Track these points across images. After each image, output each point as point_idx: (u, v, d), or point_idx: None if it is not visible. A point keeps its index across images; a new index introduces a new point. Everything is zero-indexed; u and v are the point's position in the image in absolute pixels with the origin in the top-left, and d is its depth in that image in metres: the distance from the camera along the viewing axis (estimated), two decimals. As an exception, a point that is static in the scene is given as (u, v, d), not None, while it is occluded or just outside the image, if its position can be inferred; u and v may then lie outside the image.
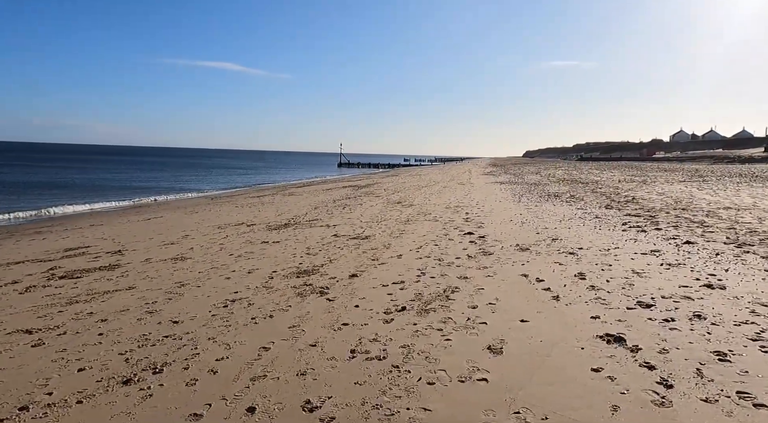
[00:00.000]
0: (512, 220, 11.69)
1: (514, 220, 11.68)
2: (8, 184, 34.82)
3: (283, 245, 9.31)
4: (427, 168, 68.95)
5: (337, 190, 27.10)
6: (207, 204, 21.92)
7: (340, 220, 12.75)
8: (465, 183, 27.68)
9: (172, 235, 11.41)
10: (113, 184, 37.87)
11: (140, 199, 26.97)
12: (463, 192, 21.19)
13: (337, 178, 46.04)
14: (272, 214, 15.43)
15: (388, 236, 9.98)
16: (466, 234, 9.86)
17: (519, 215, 12.64)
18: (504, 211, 13.78)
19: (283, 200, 21.04)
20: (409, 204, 16.65)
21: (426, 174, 43.70)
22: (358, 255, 8.13)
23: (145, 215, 17.48)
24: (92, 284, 6.67)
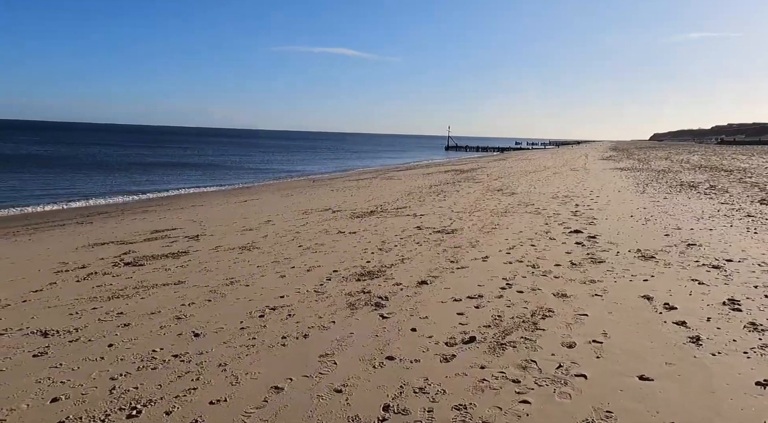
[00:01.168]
0: (633, 216, 9.69)
1: (635, 216, 9.67)
2: (141, 164, 38.19)
3: (358, 237, 8.39)
4: (539, 152, 64.80)
5: (437, 174, 25.85)
6: (307, 187, 21.88)
7: (429, 209, 11.57)
8: (579, 169, 24.95)
9: (256, 219, 11.04)
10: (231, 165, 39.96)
11: (249, 180, 27.91)
12: (576, 179, 18.86)
13: (442, 162, 44.62)
14: (363, 199, 14.67)
15: (477, 231, 8.62)
16: (573, 232, 8.19)
17: (642, 210, 10.53)
18: (623, 203, 11.66)
19: (379, 184, 20.30)
20: (511, 192, 14.96)
21: (536, 158, 40.70)
22: (437, 254, 6.92)
23: (245, 197, 17.68)
24: (147, 275, 6.23)
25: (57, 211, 15.85)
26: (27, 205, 16.03)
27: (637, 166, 25.47)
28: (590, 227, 8.62)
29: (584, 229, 8.39)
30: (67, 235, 10.19)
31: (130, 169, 32.68)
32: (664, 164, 26.87)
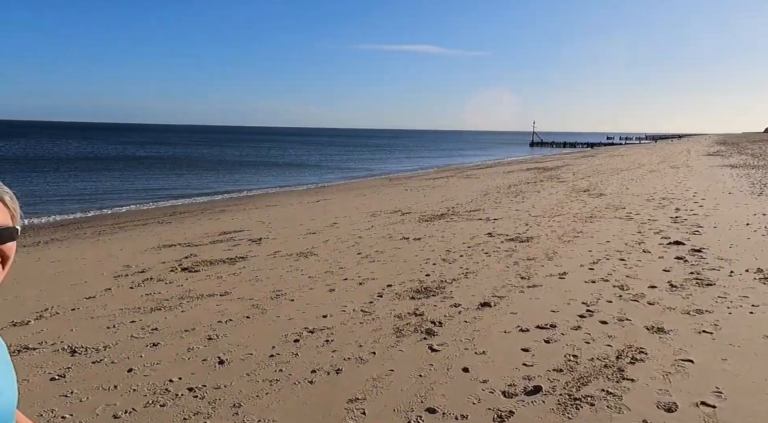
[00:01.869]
0: (749, 225, 8.17)
1: (752, 225, 8.15)
2: (229, 163, 39.98)
3: (422, 244, 7.72)
4: (633, 147, 60.05)
5: (518, 172, 24.44)
6: (382, 186, 21.49)
7: (504, 213, 10.63)
8: (679, 166, 22.43)
9: (322, 221, 10.72)
10: (312, 164, 40.74)
11: (328, 179, 28.11)
12: (676, 178, 16.83)
13: (525, 159, 42.55)
14: (435, 200, 13.96)
15: (556, 240, 7.63)
16: (672, 243, 6.97)
17: (761, 216, 8.91)
18: (735, 208, 9.99)
19: (455, 184, 19.44)
20: (599, 193, 13.53)
21: (630, 154, 37.52)
22: (506, 267, 6.09)
23: (319, 196, 17.60)
24: (198, 283, 5.99)
25: (145, 210, 16.66)
26: (121, 205, 17.03)
27: (751, 163, 22.46)
28: (694, 238, 7.32)
29: (687, 240, 7.12)
30: (143, 235, 10.46)
31: (218, 168, 34.24)
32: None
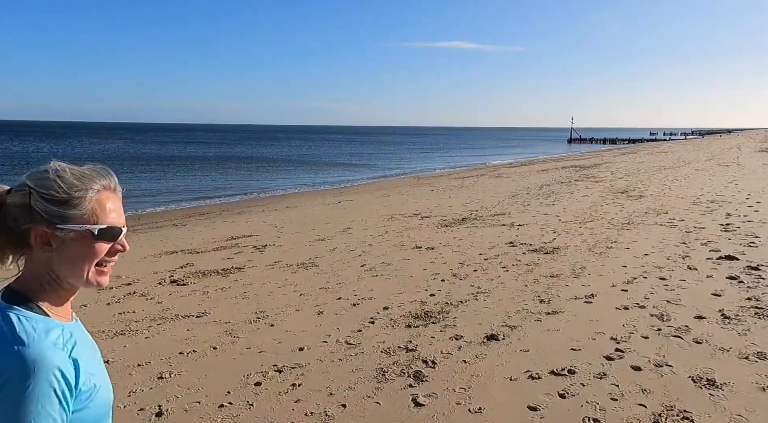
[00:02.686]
0: (816, 235, 7.02)
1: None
2: (259, 161, 39.96)
3: (434, 255, 6.95)
4: (678, 143, 57.00)
5: (553, 171, 23.20)
6: (409, 185, 20.71)
7: (531, 217, 9.70)
8: (729, 164, 20.70)
9: (336, 226, 10.07)
10: (343, 163, 40.27)
11: (356, 179, 27.54)
12: (726, 178, 15.37)
13: (561, 157, 40.82)
14: (461, 201, 13.10)
15: (586, 251, 6.71)
16: (724, 258, 5.95)
17: (828, 224, 7.71)
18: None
19: (484, 184, 18.47)
20: (638, 195, 12.36)
21: (674, 151, 35.38)
22: (524, 287, 5.25)
23: (342, 197, 16.99)
24: (179, 300, 5.42)
25: (164, 212, 16.43)
26: (144, 207, 16.90)
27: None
28: (750, 251, 6.26)
29: (741, 254, 6.08)
30: (151, 240, 10.07)
31: (247, 167, 34.14)
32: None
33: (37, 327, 0.90)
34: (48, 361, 0.87)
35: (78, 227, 0.95)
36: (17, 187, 0.96)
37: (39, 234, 0.95)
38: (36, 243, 0.95)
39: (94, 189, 0.98)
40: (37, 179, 0.96)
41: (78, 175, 0.98)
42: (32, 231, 0.95)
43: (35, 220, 0.94)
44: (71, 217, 0.95)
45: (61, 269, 0.97)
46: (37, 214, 0.94)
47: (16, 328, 0.88)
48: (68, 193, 0.95)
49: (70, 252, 0.96)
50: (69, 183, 0.96)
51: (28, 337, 0.88)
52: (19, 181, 0.97)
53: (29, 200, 0.94)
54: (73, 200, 0.95)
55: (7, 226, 0.95)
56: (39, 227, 0.94)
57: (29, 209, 0.94)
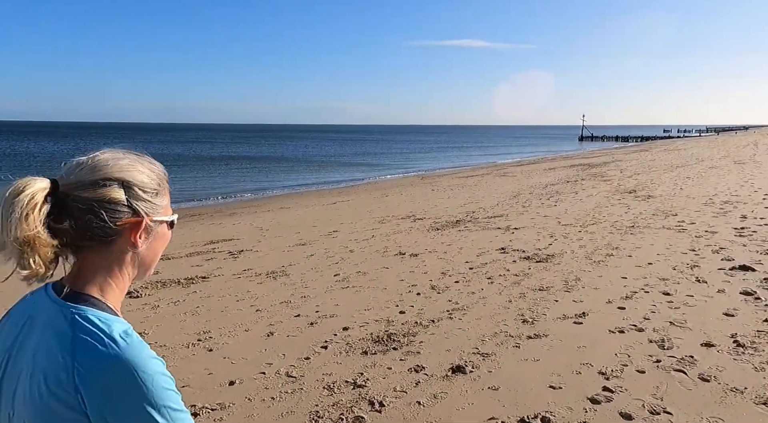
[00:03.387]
0: (842, 241, 6.26)
1: None
2: (262, 160, 39.53)
3: (417, 262, 6.32)
4: (692, 141, 55.53)
5: (560, 169, 22.41)
6: (411, 185, 20.07)
7: (529, 220, 9.02)
8: (746, 162, 19.74)
9: (322, 229, 9.49)
10: (348, 162, 39.68)
11: (358, 178, 26.97)
12: (741, 176, 14.50)
13: (571, 154, 39.82)
14: (459, 202, 12.45)
15: (584, 259, 6.03)
16: (738, 269, 5.24)
17: None
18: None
19: (487, 183, 17.77)
20: (647, 195, 11.60)
21: (688, 148, 34.26)
22: (508, 302, 4.61)
23: (339, 197, 16.41)
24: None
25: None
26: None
27: (831, 157, 19.48)
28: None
29: (758, 263, 5.37)
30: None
31: (249, 166, 33.66)
32: None
33: (120, 328, 0.81)
34: (148, 355, 0.79)
35: (167, 218, 0.94)
36: (93, 181, 0.84)
37: (137, 229, 0.88)
38: (132, 238, 0.88)
39: (164, 179, 0.95)
40: (124, 171, 0.87)
41: (149, 163, 0.93)
42: (128, 228, 0.87)
43: (129, 215, 0.87)
44: (161, 207, 0.93)
45: (144, 262, 0.93)
46: (132, 209, 0.87)
47: (107, 330, 0.79)
48: (159, 184, 0.92)
49: (155, 244, 0.94)
50: (158, 172, 0.93)
51: (120, 338, 0.79)
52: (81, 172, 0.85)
53: (124, 194, 0.87)
54: (162, 191, 0.93)
55: (84, 224, 0.84)
56: (137, 222, 0.88)
57: (123, 204, 0.86)
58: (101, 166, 0.86)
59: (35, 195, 0.79)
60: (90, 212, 0.83)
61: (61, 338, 0.78)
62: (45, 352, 0.78)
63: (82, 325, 0.79)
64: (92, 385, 0.75)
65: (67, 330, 0.79)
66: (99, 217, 0.83)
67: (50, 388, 0.75)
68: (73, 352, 0.76)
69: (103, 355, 0.76)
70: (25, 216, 0.77)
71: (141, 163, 0.91)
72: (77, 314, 0.80)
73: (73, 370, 0.75)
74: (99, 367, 0.75)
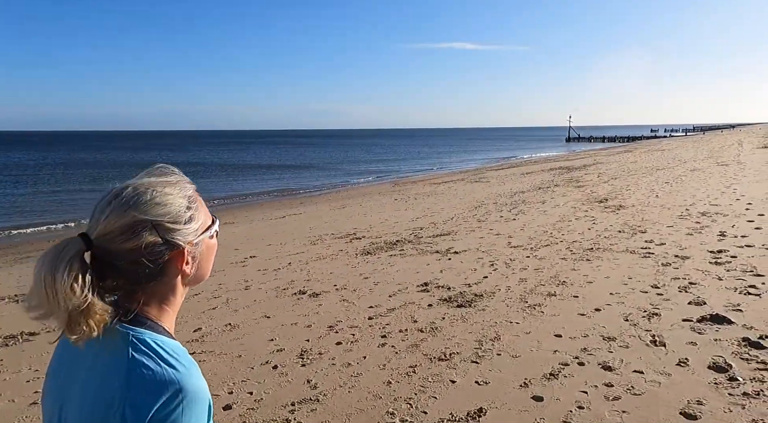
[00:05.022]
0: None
1: None
2: (223, 167, 38.02)
3: (311, 306, 4.94)
4: (677, 140, 54.47)
5: (538, 173, 21.12)
6: (377, 193, 18.66)
7: (479, 239, 7.66)
8: (729, 163, 18.49)
9: (241, 253, 8.10)
10: (323, 167, 38.23)
11: (324, 186, 25.59)
12: (724, 180, 13.22)
13: (554, 157, 38.57)
14: (413, 215, 11.09)
15: (518, 301, 4.65)
16: (709, 320, 3.88)
17: None
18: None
19: (456, 191, 16.41)
20: (618, 205, 10.27)
21: (671, 149, 33.09)
22: (387, 383, 3.23)
23: (290, 210, 14.97)
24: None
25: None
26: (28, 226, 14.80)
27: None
28: (750, 303, 4.17)
29: (735, 311, 4.01)
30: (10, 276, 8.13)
31: (209, 174, 32.19)
32: None
33: (178, 352, 0.83)
34: (204, 390, 0.82)
35: (208, 234, 0.93)
36: (122, 230, 0.82)
37: (182, 259, 0.88)
38: (179, 267, 0.88)
39: (194, 193, 0.93)
40: (151, 210, 0.84)
41: (173, 186, 0.90)
42: (173, 260, 0.87)
43: (170, 249, 0.86)
44: (198, 228, 0.91)
45: (197, 277, 0.94)
46: (171, 244, 0.86)
47: (166, 356, 0.81)
48: (189, 206, 0.90)
49: (205, 259, 0.94)
50: (185, 193, 0.91)
51: (181, 364, 0.81)
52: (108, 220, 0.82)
53: (158, 235, 0.85)
54: (194, 210, 0.91)
55: (129, 275, 0.84)
56: (179, 253, 0.87)
57: (159, 244, 0.85)
58: (125, 208, 0.83)
59: (71, 265, 0.77)
60: (133, 262, 0.82)
61: (117, 359, 0.79)
62: (100, 370, 0.80)
63: (138, 346, 0.80)
64: (140, 408, 0.76)
65: (124, 351, 0.80)
66: (142, 265, 0.83)
67: (99, 405, 0.77)
68: (128, 373, 0.78)
69: (157, 378, 0.78)
70: (71, 288, 0.76)
71: (164, 190, 0.87)
72: (134, 336, 0.81)
73: (127, 390, 0.77)
74: (151, 390, 0.77)
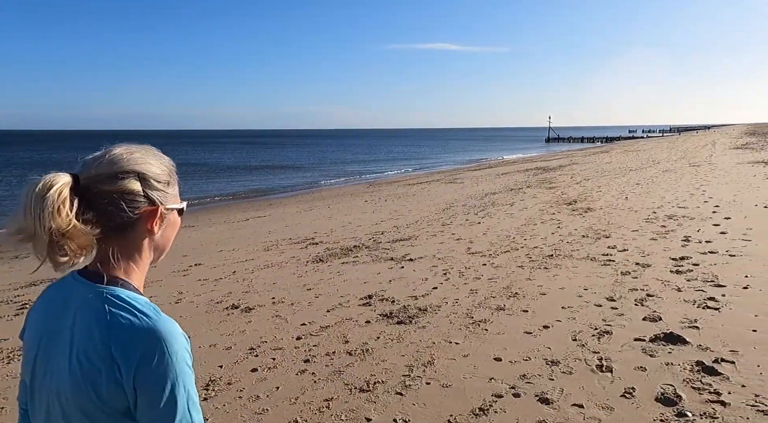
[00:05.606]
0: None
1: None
2: (197, 167, 37.16)
3: (238, 324, 4.47)
4: (654, 141, 55.01)
5: (513, 174, 20.89)
6: (350, 194, 18.19)
7: (437, 245, 7.26)
8: (701, 164, 18.46)
9: (190, 259, 7.58)
10: (301, 167, 37.61)
11: (297, 185, 25.05)
12: (694, 182, 13.06)
13: (532, 157, 38.51)
14: (377, 218, 10.67)
15: (463, 317, 4.25)
16: (662, 339, 3.51)
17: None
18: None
19: (428, 192, 16.04)
20: (587, 207, 9.98)
21: (647, 149, 33.24)
22: (319, 410, 2.78)
23: (258, 212, 14.42)
24: None
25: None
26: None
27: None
28: (708, 320, 3.82)
29: (692, 329, 3.65)
30: None
31: (195, 173, 31.34)
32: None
33: (149, 305, 0.88)
34: (178, 329, 0.87)
35: (177, 206, 0.98)
36: (112, 175, 0.89)
37: (153, 218, 0.93)
38: (149, 226, 0.93)
39: (173, 167, 0.99)
40: (139, 164, 0.92)
41: (158, 156, 0.97)
42: (146, 216, 0.92)
43: (146, 204, 0.92)
44: (172, 196, 0.97)
45: (159, 247, 0.97)
46: (149, 199, 0.93)
47: (140, 307, 0.86)
48: (169, 175, 0.96)
49: (168, 230, 0.97)
50: (166, 164, 0.97)
51: (152, 312, 0.86)
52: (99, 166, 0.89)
53: (140, 185, 0.92)
54: (172, 180, 0.97)
55: (107, 215, 0.89)
56: (153, 211, 0.93)
57: (140, 194, 0.92)
58: (117, 159, 0.90)
59: (62, 190, 0.84)
60: (112, 204, 0.88)
61: (97, 315, 0.85)
62: (82, 328, 0.85)
63: (114, 302, 0.86)
64: (127, 354, 0.81)
65: (102, 307, 0.85)
66: (120, 208, 0.89)
67: (90, 360, 0.82)
68: (109, 326, 0.83)
69: (136, 327, 0.83)
70: (57, 210, 0.82)
71: (151, 155, 0.95)
72: (109, 294, 0.87)
73: (110, 342, 0.82)
74: (133, 338, 0.82)
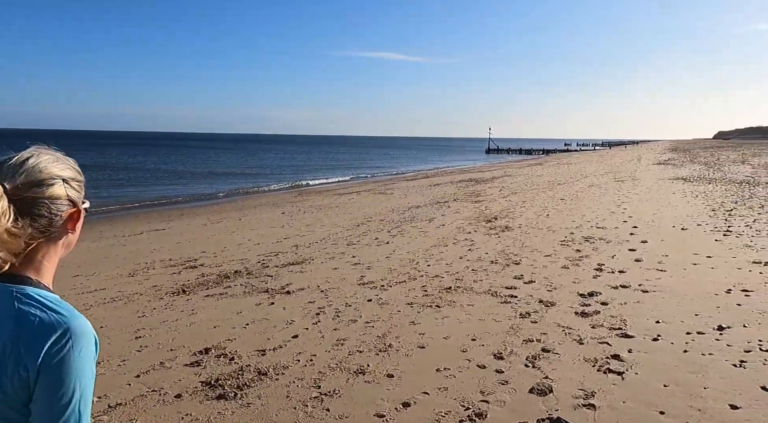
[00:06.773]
0: (719, 307, 3.91)
1: (726, 306, 3.88)
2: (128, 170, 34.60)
3: None
4: (586, 154, 56.96)
5: (445, 185, 20.31)
6: (273, 204, 16.87)
7: (330, 271, 6.22)
8: (625, 179, 18.59)
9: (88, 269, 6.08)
10: (236, 173, 35.70)
11: (225, 194, 23.41)
12: (617, 198, 12.81)
13: (468, 168, 38.50)
14: (279, 235, 9.52)
15: (309, 387, 3.21)
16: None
17: (738, 283, 4.68)
18: (695, 262, 5.81)
19: (353, 203, 15.04)
20: (505, 226, 9.29)
21: (577, 163, 33.94)
22: None
23: (163, 223, 12.84)
24: None
25: None
26: None
27: (705, 175, 18.72)
28: (609, 388, 2.98)
29: (586, 409, 2.78)
30: None
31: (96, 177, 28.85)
32: (744, 170, 19.90)
33: (59, 301, 0.93)
34: (89, 328, 0.92)
35: (88, 205, 1.03)
36: (40, 181, 0.93)
37: (75, 218, 0.99)
38: (69, 226, 0.98)
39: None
40: (63, 169, 0.97)
41: (69, 160, 1.02)
42: (67, 218, 0.97)
43: (69, 207, 0.97)
44: (82, 197, 1.02)
45: (70, 245, 1.02)
46: (71, 201, 0.97)
47: (49, 304, 0.90)
48: (82, 177, 1.03)
49: (78, 228, 1.02)
50: (77, 168, 1.02)
51: (62, 309, 0.91)
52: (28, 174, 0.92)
53: (65, 190, 0.96)
54: (83, 182, 1.03)
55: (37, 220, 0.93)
56: (74, 212, 0.98)
57: (65, 198, 0.96)
58: (44, 166, 0.94)
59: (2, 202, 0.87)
60: (41, 209, 0.92)
61: (7, 313, 0.88)
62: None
63: (23, 300, 0.89)
64: (33, 350, 0.85)
65: (11, 305, 0.88)
66: (50, 212, 0.93)
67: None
68: (17, 323, 0.87)
69: (45, 323, 0.87)
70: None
71: (64, 158, 1.00)
72: (19, 292, 0.90)
73: (18, 339, 0.86)
74: (40, 334, 0.86)
